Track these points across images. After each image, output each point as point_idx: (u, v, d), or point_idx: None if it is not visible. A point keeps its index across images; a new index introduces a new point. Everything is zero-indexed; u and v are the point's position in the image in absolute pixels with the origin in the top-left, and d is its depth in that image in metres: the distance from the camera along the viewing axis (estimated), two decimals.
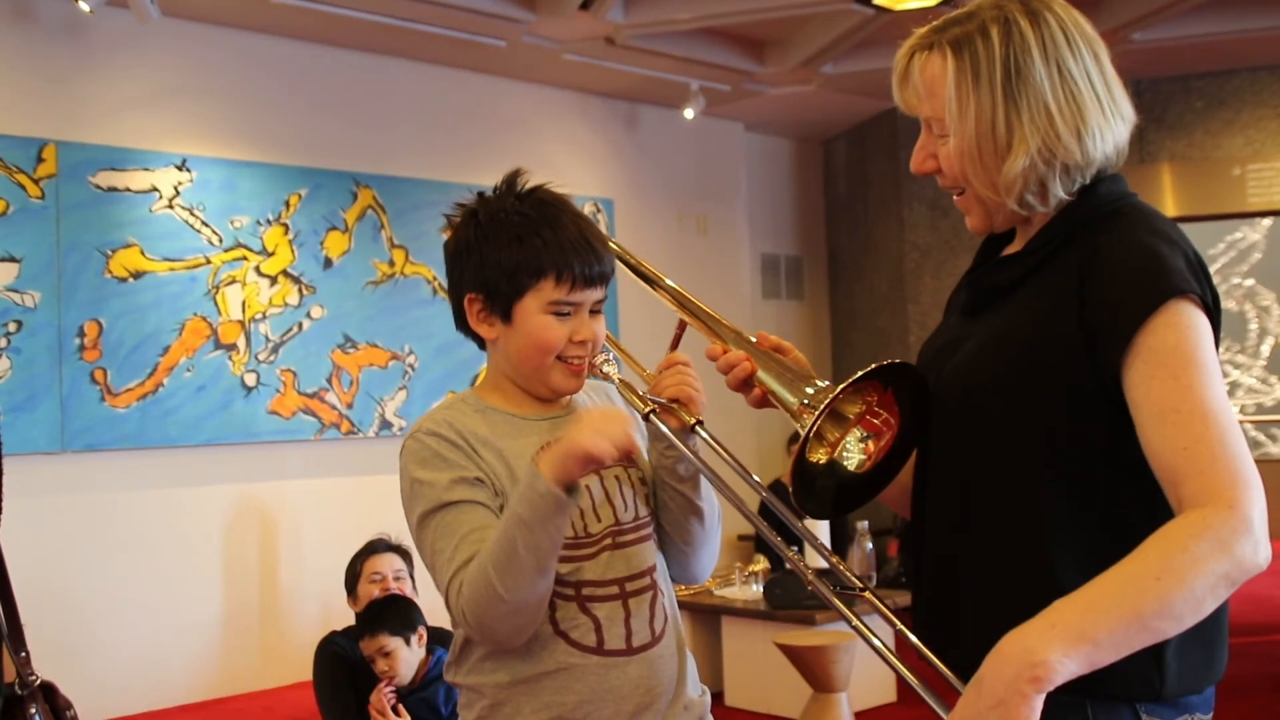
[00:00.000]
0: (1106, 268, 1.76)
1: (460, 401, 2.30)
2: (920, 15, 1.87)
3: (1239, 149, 9.29)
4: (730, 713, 6.24)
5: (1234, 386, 13.29)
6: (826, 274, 11.07)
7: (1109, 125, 1.85)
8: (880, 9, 7.32)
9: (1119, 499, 1.76)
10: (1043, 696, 1.57)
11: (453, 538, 2.07)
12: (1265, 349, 13.13)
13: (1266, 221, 12.56)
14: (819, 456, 1.97)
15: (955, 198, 1.99)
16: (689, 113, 8.91)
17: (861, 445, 1.98)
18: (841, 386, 1.83)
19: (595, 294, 2.27)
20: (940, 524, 1.94)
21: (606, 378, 2.30)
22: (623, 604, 2.17)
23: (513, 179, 2.31)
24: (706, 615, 6.60)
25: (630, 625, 2.16)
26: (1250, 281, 13.06)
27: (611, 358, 2.34)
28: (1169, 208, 9.29)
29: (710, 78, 8.69)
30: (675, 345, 2.47)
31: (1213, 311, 1.75)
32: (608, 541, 2.19)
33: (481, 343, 2.28)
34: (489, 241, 2.20)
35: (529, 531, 1.93)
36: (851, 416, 1.96)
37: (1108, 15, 7.86)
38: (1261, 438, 13.16)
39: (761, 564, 7.05)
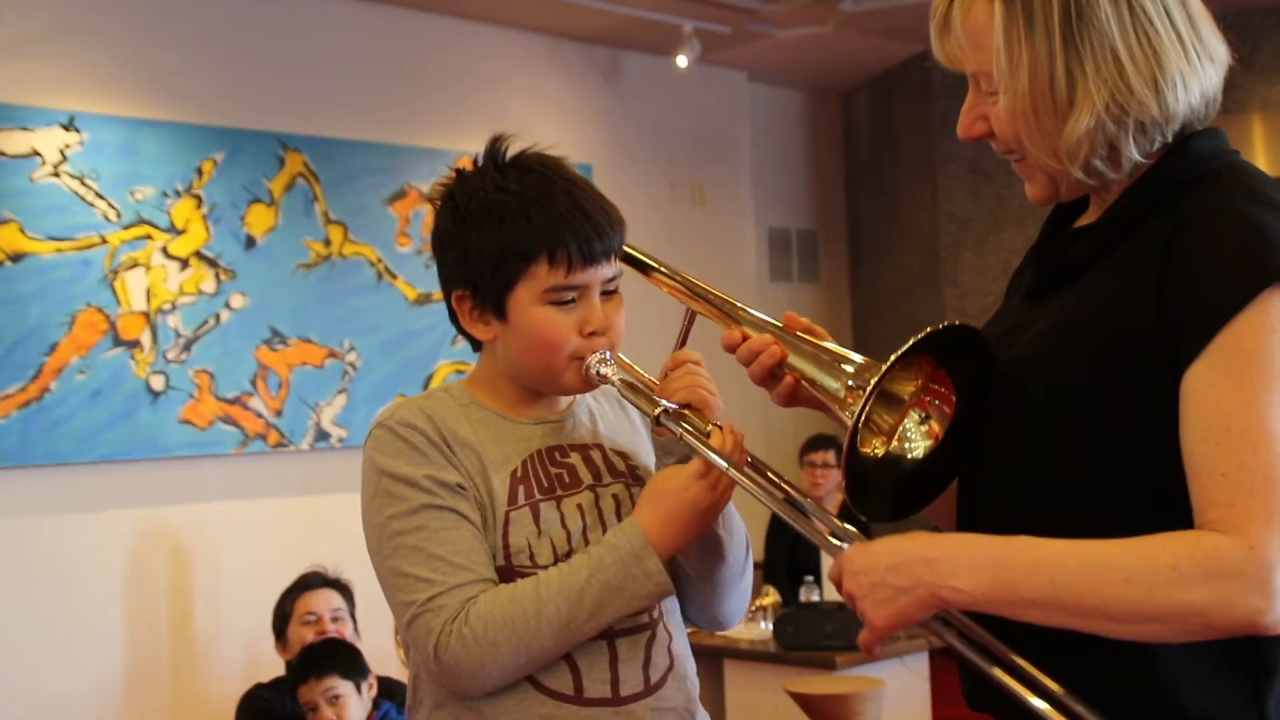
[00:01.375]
0: (1197, 243, 1.73)
1: (444, 393, 2.32)
2: None
3: None
4: None
5: None
6: (846, 251, 11.15)
7: (1194, 71, 1.81)
8: None
9: (1187, 516, 1.69)
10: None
11: (434, 555, 2.07)
12: None
13: None
14: (874, 448, 1.96)
15: (1014, 164, 1.97)
16: (682, 60, 8.91)
17: (924, 429, 1.96)
18: (895, 356, 1.81)
19: (603, 271, 2.27)
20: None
21: (604, 379, 2.27)
22: (609, 645, 2.14)
23: (493, 147, 2.35)
24: (707, 658, 6.42)
25: (618, 671, 2.14)
26: None
27: (607, 356, 2.29)
28: (1261, 167, 9.29)
29: (707, 17, 8.69)
30: (683, 340, 2.47)
31: None
32: None
33: (478, 345, 2.33)
34: (469, 227, 2.23)
35: (616, 603, 2.04)
36: (906, 397, 1.95)
37: None
38: None
39: (772, 597, 7.05)
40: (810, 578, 6.98)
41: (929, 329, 1.81)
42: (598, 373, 2.24)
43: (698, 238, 9.70)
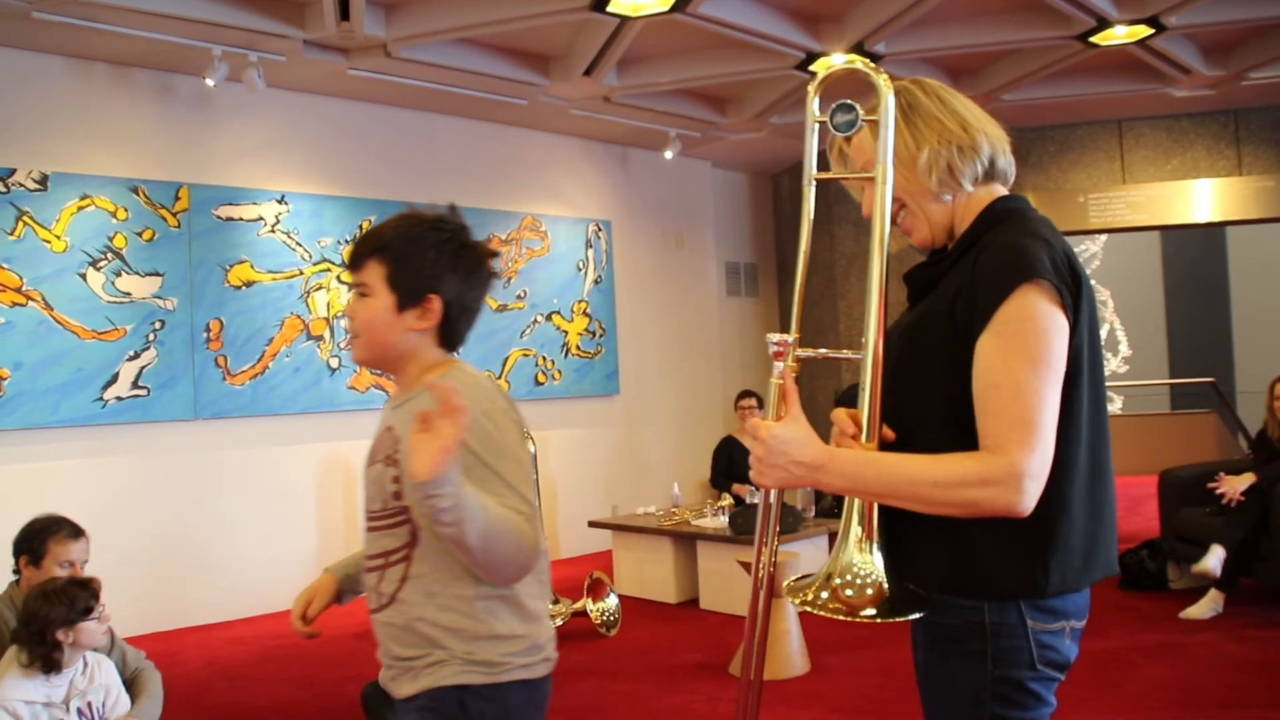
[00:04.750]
0: (985, 261, 1.75)
1: None
2: (847, 77, 1.68)
3: (1081, 181, 9.54)
4: (704, 614, 6.39)
5: None
6: (775, 277, 11.20)
7: (981, 123, 1.88)
8: (814, 74, 7.56)
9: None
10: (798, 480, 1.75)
11: None
12: (1103, 332, 13.55)
13: (1103, 237, 12.90)
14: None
15: (902, 223, 1.94)
16: (668, 154, 9.06)
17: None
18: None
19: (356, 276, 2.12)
20: None
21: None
22: (376, 574, 2.06)
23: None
24: (685, 540, 6.70)
25: (377, 591, 2.06)
26: (1092, 282, 13.46)
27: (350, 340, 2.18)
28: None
29: (685, 127, 8.86)
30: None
31: (1073, 298, 1.72)
32: (369, 524, 2.12)
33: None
34: None
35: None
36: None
37: (984, 81, 8.17)
38: None
39: (727, 500, 7.27)
40: (752, 485, 6.97)
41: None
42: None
43: (680, 269, 9.91)
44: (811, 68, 7.42)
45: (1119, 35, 7.13)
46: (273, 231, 7.19)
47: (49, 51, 6.42)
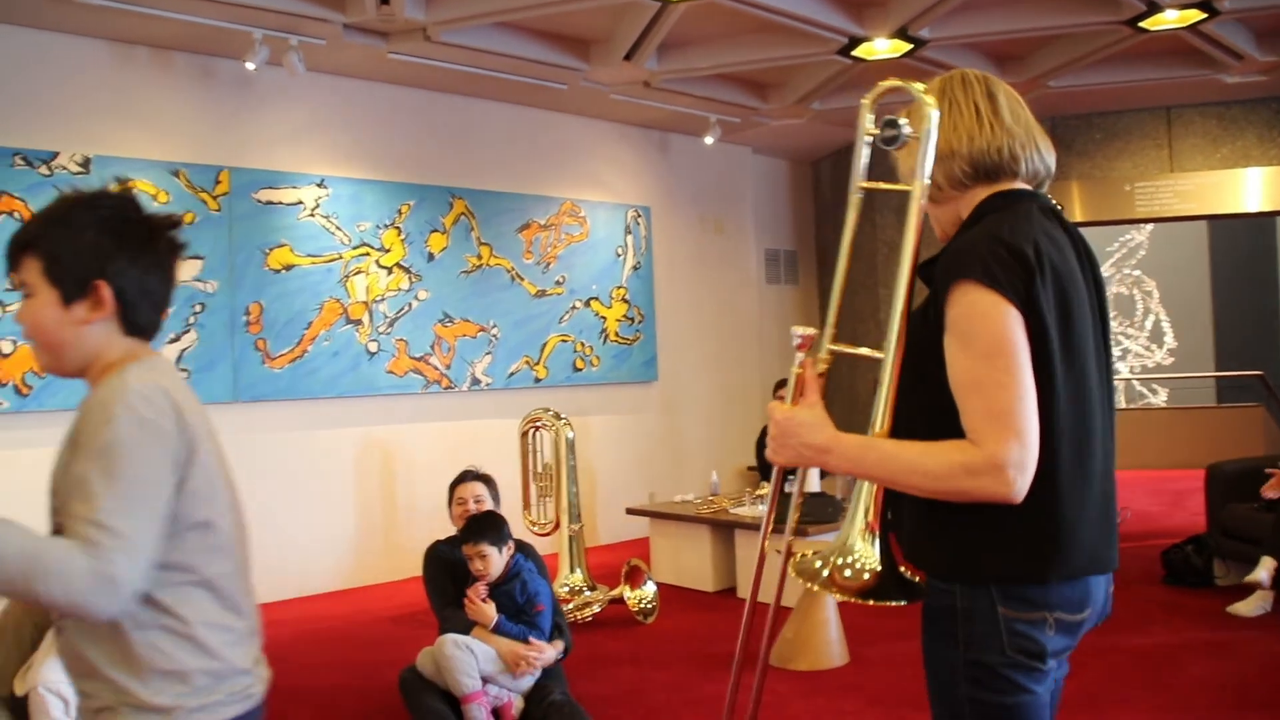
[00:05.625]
0: (941, 261, 1.84)
1: None
2: (890, 64, 1.71)
3: (1128, 170, 9.40)
4: (741, 603, 6.28)
5: (1125, 352, 13.48)
6: (815, 264, 11.12)
7: (983, 131, 1.93)
8: (857, 59, 7.48)
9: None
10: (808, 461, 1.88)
11: None
12: (1148, 323, 13.33)
13: (1149, 226, 12.73)
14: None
15: (932, 222, 2.03)
16: (708, 139, 9.03)
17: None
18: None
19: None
20: None
21: None
22: None
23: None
24: (723, 529, 6.65)
25: None
26: (1138, 272, 13.23)
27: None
28: (1076, 215, 9.40)
29: (725, 112, 8.80)
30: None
31: (1024, 288, 1.74)
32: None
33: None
34: None
35: None
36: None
37: (1030, 67, 8.04)
38: (1145, 391, 13.35)
39: (766, 489, 7.12)
40: (791, 476, 6.76)
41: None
42: None
43: (719, 256, 9.86)
44: (854, 53, 7.34)
45: (1169, 20, 6.99)
46: (312, 215, 7.20)
47: (91, 35, 6.44)
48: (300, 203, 7.15)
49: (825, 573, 1.83)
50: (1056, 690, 1.99)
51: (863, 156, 2.02)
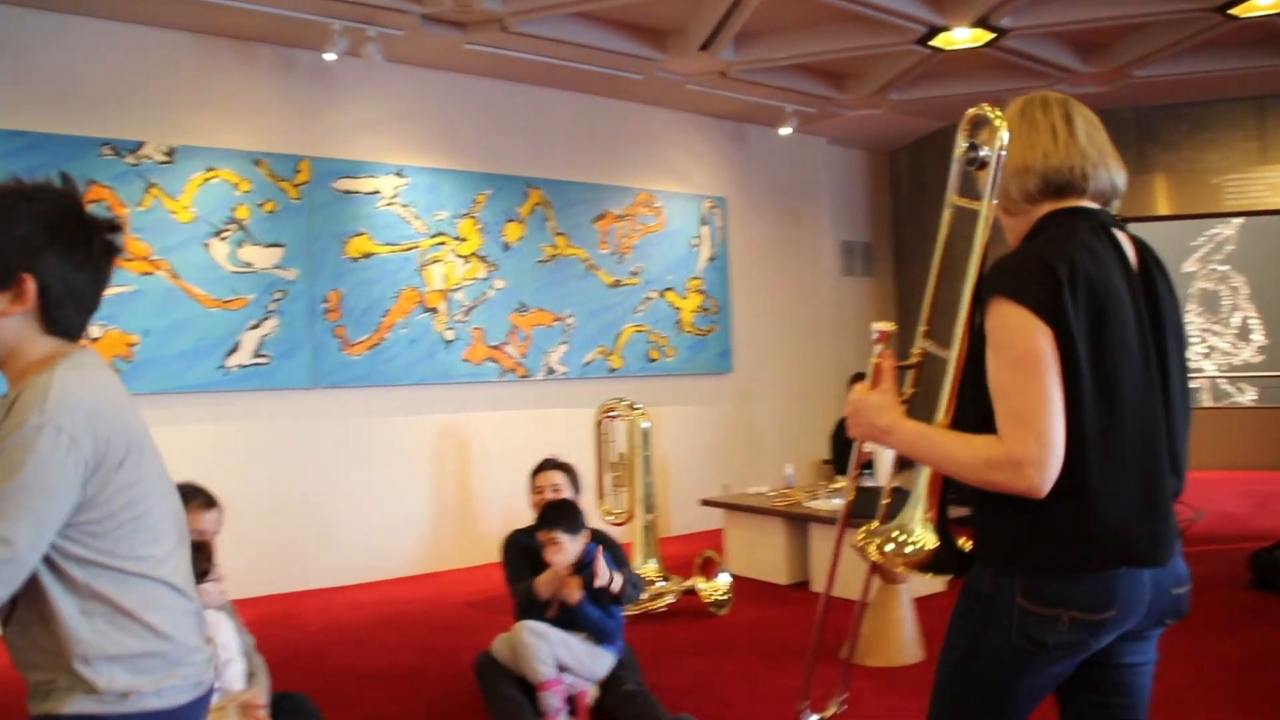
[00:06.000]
0: (988, 272, 2.01)
1: None
2: (969, 54, 1.84)
3: (1216, 162, 9.17)
4: (815, 597, 6.26)
5: (1210, 350, 13.14)
6: (891, 256, 11.00)
7: (1057, 149, 2.07)
8: (936, 49, 7.38)
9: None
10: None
11: None
12: (1235, 320, 12.96)
13: (1237, 220, 12.39)
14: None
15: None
16: (785, 130, 8.95)
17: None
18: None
19: None
20: None
21: None
22: None
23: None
24: (797, 522, 6.58)
25: None
26: (1225, 267, 12.88)
27: None
28: (1161, 208, 9.21)
29: (801, 103, 8.72)
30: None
31: (1053, 304, 1.88)
32: None
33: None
34: None
35: None
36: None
37: (1114, 56, 7.87)
38: (1231, 389, 13.00)
39: (841, 482, 7.15)
40: (868, 469, 6.52)
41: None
42: None
43: (795, 247, 9.79)
44: (933, 43, 7.23)
45: (1262, 5, 6.79)
46: (390, 205, 7.25)
47: (176, 28, 6.55)
48: (378, 192, 7.21)
49: (889, 549, 2.10)
50: (1146, 684, 2.11)
51: (956, 175, 2.18)
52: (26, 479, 1.69)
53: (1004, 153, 2.06)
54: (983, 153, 2.09)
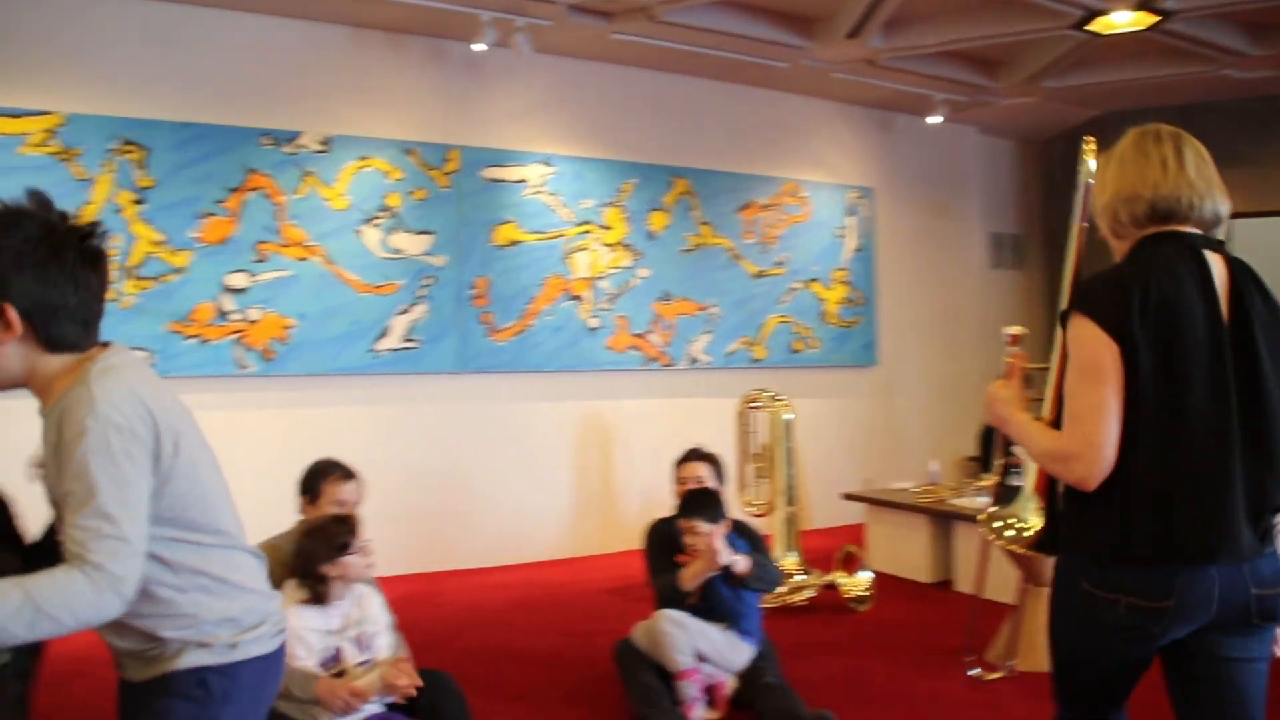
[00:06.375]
0: (1073, 290, 2.35)
1: None
2: (1129, 38, 2.19)
3: None
4: (958, 596, 6.13)
5: None
6: (1042, 249, 10.63)
7: (1166, 178, 2.24)
8: (1094, 34, 7.10)
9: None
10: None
11: None
12: None
13: None
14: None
15: None
16: (933, 119, 8.75)
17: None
18: None
19: None
20: None
21: None
22: None
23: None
24: (942, 519, 6.44)
25: None
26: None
27: None
28: None
29: (951, 91, 8.51)
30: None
31: (1120, 322, 2.11)
32: None
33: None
34: None
35: None
36: None
37: None
38: None
39: (987, 480, 6.83)
40: (1016, 468, 6.62)
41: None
42: None
43: (942, 239, 9.56)
44: (1090, 27, 6.94)
45: None
46: (537, 193, 7.30)
47: (332, 21, 6.71)
48: (525, 180, 7.27)
49: (1009, 534, 2.53)
50: (1256, 682, 2.23)
51: (1081, 198, 2.46)
52: (106, 480, 1.80)
53: (1091, 181, 2.40)
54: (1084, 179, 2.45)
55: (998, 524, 2.54)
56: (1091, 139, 2.43)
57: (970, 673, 4.63)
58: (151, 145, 6.15)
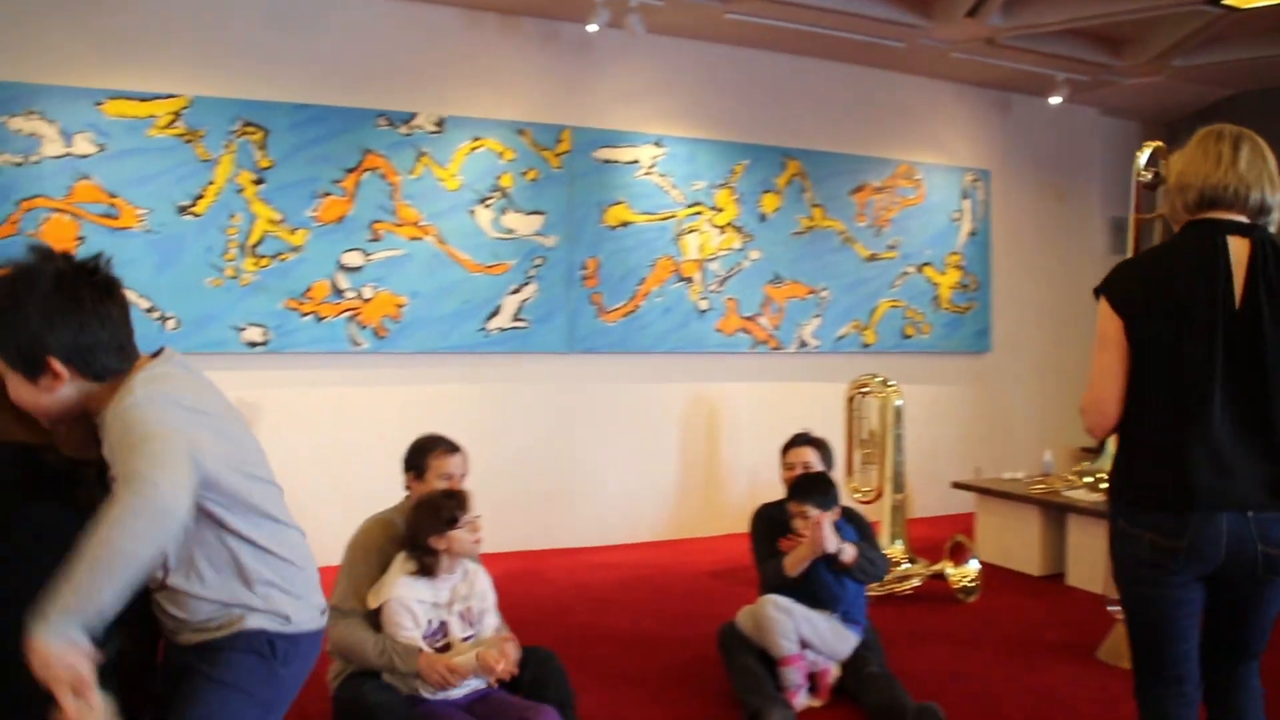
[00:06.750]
0: None
1: None
2: (1266, 13, 2.26)
3: None
4: (1070, 590, 6.00)
5: None
6: (1166, 234, 10.23)
7: (1218, 170, 2.53)
8: (1229, 8, 6.79)
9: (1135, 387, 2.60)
10: None
11: None
12: None
13: None
14: None
15: None
16: (1054, 100, 8.48)
17: None
18: None
19: None
20: None
21: None
22: None
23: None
24: (1055, 511, 6.26)
25: None
26: None
27: None
28: None
29: (1073, 70, 8.23)
30: None
31: (1125, 301, 2.57)
32: None
33: None
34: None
35: None
36: None
37: None
38: None
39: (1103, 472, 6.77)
40: None
41: None
42: None
43: (1059, 224, 9.30)
44: (1226, 1, 6.66)
45: None
46: (648, 174, 7.28)
47: (446, 4, 6.77)
48: (637, 161, 7.25)
49: (1101, 486, 3.25)
50: (1262, 620, 2.60)
51: (1134, 193, 3.11)
52: (147, 433, 1.94)
53: (1141, 177, 2.78)
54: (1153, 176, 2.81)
55: (1088, 477, 2.93)
56: (1156, 142, 2.83)
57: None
58: (271, 126, 6.28)
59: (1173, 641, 2.59)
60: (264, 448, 2.32)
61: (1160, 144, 2.72)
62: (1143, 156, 3.63)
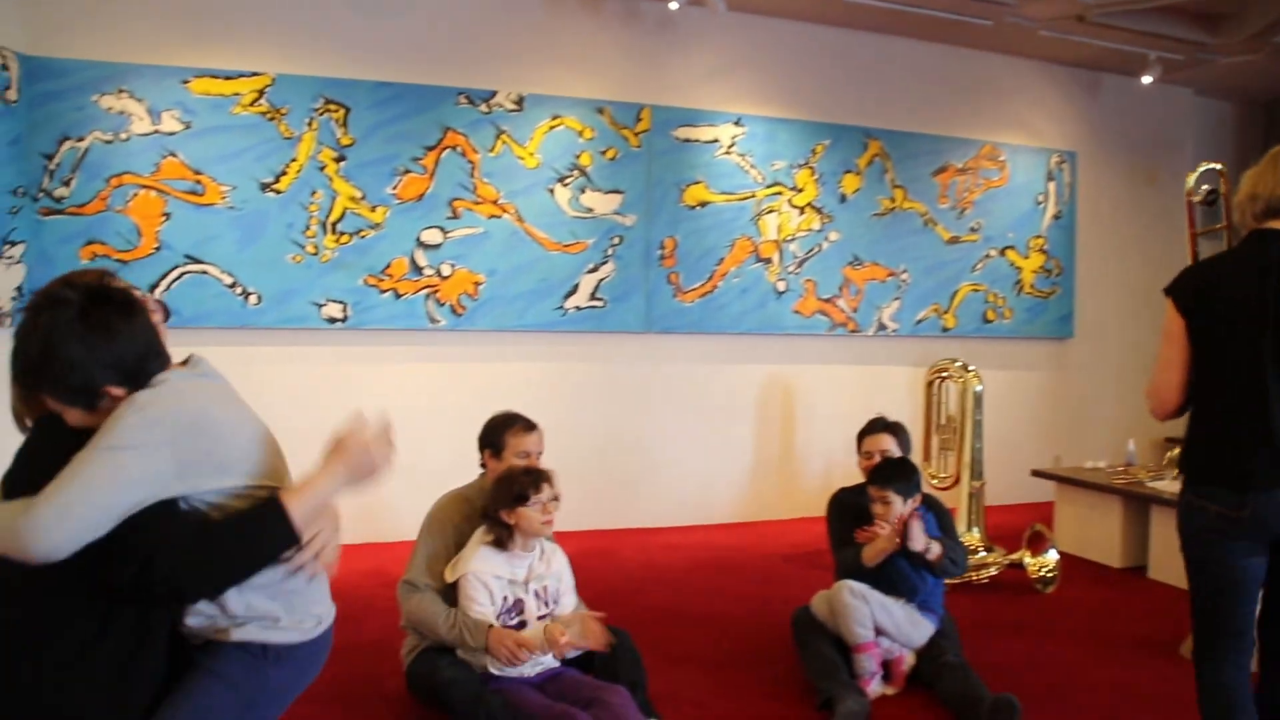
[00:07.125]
0: None
1: None
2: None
3: None
4: (1151, 584, 5.88)
5: None
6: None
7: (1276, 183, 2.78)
8: None
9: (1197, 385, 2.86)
10: None
11: None
12: None
13: None
14: None
15: None
16: (1146, 79, 8.24)
17: None
18: None
19: None
20: None
21: None
22: None
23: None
24: (1137, 502, 6.13)
25: None
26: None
27: None
28: None
29: (1166, 49, 8.00)
30: None
31: (1182, 302, 2.85)
32: None
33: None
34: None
35: None
36: None
37: None
38: None
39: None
40: None
41: None
42: None
43: (1149, 208, 9.04)
44: None
45: None
46: (728, 153, 7.23)
47: None
48: (716, 141, 7.20)
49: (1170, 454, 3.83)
50: None
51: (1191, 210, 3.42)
52: (112, 443, 2.03)
53: (1194, 199, 3.56)
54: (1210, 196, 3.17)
55: (1170, 453, 2.88)
56: (1216, 164, 3.21)
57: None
58: (352, 104, 6.33)
59: (1235, 602, 2.76)
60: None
61: (1216, 165, 3.07)
62: (1193, 177, 3.95)
